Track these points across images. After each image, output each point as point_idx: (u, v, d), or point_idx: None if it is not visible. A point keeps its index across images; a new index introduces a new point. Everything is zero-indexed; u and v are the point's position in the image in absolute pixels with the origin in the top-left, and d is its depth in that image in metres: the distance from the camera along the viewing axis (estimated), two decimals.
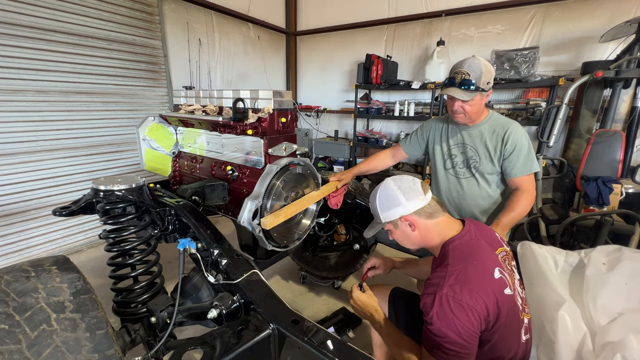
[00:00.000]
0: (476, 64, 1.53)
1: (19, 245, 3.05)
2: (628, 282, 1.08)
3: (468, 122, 1.72)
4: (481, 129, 1.71)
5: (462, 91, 1.55)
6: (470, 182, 1.79)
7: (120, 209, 1.53)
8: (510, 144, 1.62)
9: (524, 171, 1.63)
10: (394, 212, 1.15)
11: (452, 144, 1.81)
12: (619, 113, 3.21)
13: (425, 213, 1.13)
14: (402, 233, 1.19)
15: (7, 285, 0.91)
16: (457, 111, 1.64)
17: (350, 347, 0.97)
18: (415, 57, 4.77)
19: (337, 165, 5.42)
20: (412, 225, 1.14)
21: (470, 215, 1.82)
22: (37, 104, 2.97)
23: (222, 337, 1.02)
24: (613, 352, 0.89)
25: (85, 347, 0.87)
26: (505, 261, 1.08)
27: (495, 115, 1.73)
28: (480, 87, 1.54)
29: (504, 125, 1.66)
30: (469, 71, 1.53)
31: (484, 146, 1.70)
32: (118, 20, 3.41)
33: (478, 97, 1.58)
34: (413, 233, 1.16)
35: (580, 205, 2.95)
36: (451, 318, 0.91)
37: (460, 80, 1.54)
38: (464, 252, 1.04)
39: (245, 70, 5.24)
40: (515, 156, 1.62)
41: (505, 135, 1.64)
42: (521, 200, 1.60)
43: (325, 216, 2.10)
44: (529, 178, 1.65)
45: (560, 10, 3.68)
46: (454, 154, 1.82)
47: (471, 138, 1.74)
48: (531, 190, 1.64)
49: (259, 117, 1.71)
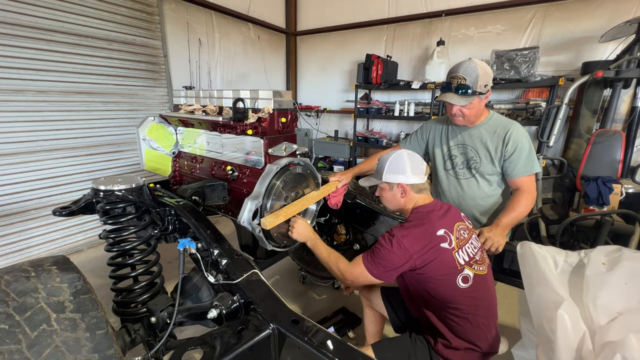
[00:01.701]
0: (472, 67, 1.53)
1: (19, 245, 3.05)
2: (628, 282, 1.08)
3: (468, 124, 1.72)
4: (481, 130, 1.71)
5: (458, 96, 1.55)
6: (470, 183, 1.79)
7: (120, 209, 1.53)
8: (512, 145, 1.62)
9: (525, 172, 1.63)
10: (396, 177, 1.40)
11: (453, 145, 1.82)
12: (619, 113, 3.21)
13: (417, 188, 1.41)
14: (392, 195, 1.44)
15: (7, 285, 0.91)
16: (455, 115, 1.65)
17: (350, 347, 0.97)
18: (415, 57, 4.77)
19: (337, 165, 5.42)
20: (404, 193, 1.40)
21: (470, 215, 1.82)
22: (37, 104, 2.97)
23: (222, 337, 1.02)
24: (613, 352, 0.89)
25: (85, 347, 0.87)
26: (459, 230, 1.34)
27: (496, 116, 1.73)
28: (478, 91, 1.54)
29: (505, 125, 1.66)
30: (465, 75, 1.53)
31: (484, 147, 1.70)
32: (118, 20, 3.41)
33: (476, 101, 1.58)
34: (401, 199, 1.42)
35: (580, 205, 2.96)
36: (390, 249, 1.25)
37: (456, 86, 1.55)
38: (421, 216, 1.34)
39: (245, 70, 5.24)
40: (516, 157, 1.62)
41: (506, 136, 1.63)
42: (522, 201, 1.61)
43: (325, 216, 2.10)
44: (529, 179, 1.65)
45: (560, 10, 3.68)
46: (454, 154, 1.82)
47: (472, 139, 1.74)
48: (532, 191, 1.64)
49: (259, 117, 1.71)
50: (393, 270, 1.27)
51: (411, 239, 1.26)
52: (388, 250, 1.26)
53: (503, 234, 1.54)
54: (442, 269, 1.25)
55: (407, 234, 1.27)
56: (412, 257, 1.24)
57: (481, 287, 1.31)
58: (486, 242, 1.50)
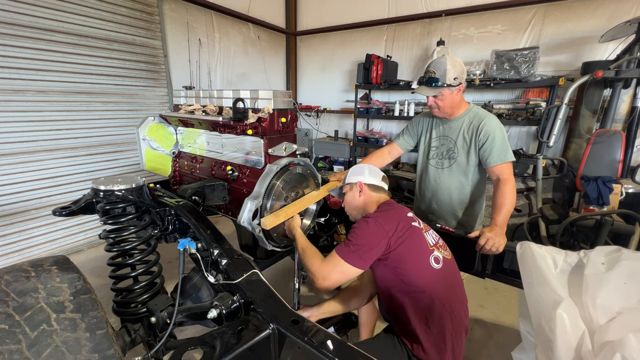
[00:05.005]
0: (442, 62, 1.71)
1: (19, 245, 3.05)
2: (627, 282, 1.08)
3: (446, 116, 1.86)
4: (460, 122, 1.85)
5: (428, 88, 1.74)
6: (447, 172, 1.91)
7: (120, 209, 1.53)
8: (484, 135, 1.74)
9: (499, 160, 1.73)
10: (356, 177, 1.58)
11: (435, 136, 1.96)
12: (619, 113, 3.21)
13: (373, 187, 1.55)
14: (352, 196, 1.56)
15: (7, 285, 0.91)
16: (432, 106, 1.83)
17: (351, 347, 0.97)
18: (415, 57, 4.77)
19: (337, 165, 5.43)
20: (361, 191, 1.53)
21: (448, 205, 1.94)
22: (37, 104, 2.97)
23: (222, 337, 1.02)
24: (612, 351, 0.89)
25: (85, 347, 0.87)
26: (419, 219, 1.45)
27: (475, 109, 1.86)
28: (447, 83, 1.70)
29: (480, 117, 1.79)
30: (434, 69, 1.72)
31: (462, 137, 1.83)
32: (118, 20, 3.42)
33: (447, 92, 1.73)
34: (359, 197, 1.54)
35: (580, 205, 2.96)
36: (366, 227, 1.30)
37: (427, 79, 1.74)
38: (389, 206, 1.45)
39: (245, 70, 5.24)
40: (489, 145, 1.73)
41: (479, 126, 1.76)
42: (506, 193, 1.68)
43: (325, 216, 2.10)
44: (507, 166, 1.74)
45: (560, 10, 3.68)
46: (435, 145, 1.95)
47: (451, 130, 1.88)
48: (511, 179, 1.72)
49: (259, 117, 1.71)
50: (369, 251, 1.25)
51: (386, 218, 1.33)
52: (363, 229, 1.29)
53: (503, 234, 1.56)
54: (415, 247, 1.31)
55: (381, 215, 1.36)
56: (388, 234, 1.28)
57: (450, 271, 1.39)
58: (487, 243, 1.51)
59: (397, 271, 1.29)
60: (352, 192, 1.56)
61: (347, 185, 1.60)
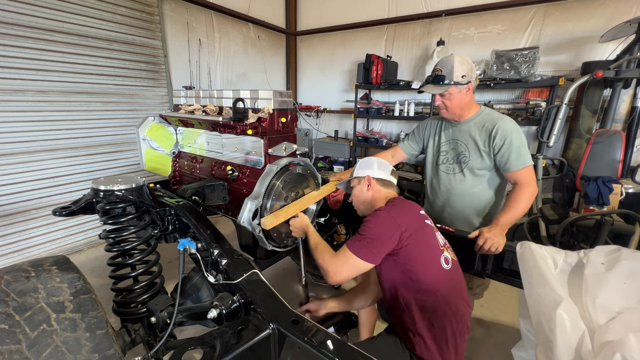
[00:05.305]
0: (449, 60, 1.64)
1: (19, 245, 3.05)
2: (627, 282, 1.08)
3: (455, 117, 1.76)
4: (471, 125, 1.74)
5: (434, 86, 1.67)
6: (459, 178, 1.80)
7: (120, 209, 1.53)
8: (499, 138, 1.63)
9: (518, 165, 1.61)
10: (364, 171, 1.54)
11: (444, 140, 1.85)
12: (619, 113, 3.21)
13: (382, 182, 1.52)
14: (360, 190, 1.54)
15: (7, 285, 0.91)
16: (439, 107, 1.74)
17: (351, 347, 0.97)
18: (415, 57, 4.77)
19: (337, 165, 5.42)
20: (369, 185, 1.51)
21: (461, 213, 1.82)
22: (37, 104, 2.97)
23: (222, 337, 1.02)
24: (612, 351, 0.89)
25: (85, 347, 0.87)
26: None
27: (487, 111, 1.75)
28: (454, 81, 1.62)
29: (494, 120, 1.68)
30: (441, 67, 1.65)
31: (473, 141, 1.72)
32: (118, 20, 3.41)
33: (454, 91, 1.64)
34: (367, 192, 1.51)
35: (580, 205, 2.96)
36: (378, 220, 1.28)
37: (434, 77, 1.67)
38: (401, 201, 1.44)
39: (245, 70, 5.24)
40: (506, 149, 1.62)
41: (493, 130, 1.64)
42: (520, 197, 1.59)
43: (325, 216, 2.10)
44: (526, 171, 1.62)
45: (560, 10, 3.68)
46: (445, 150, 1.85)
47: (461, 134, 1.77)
48: (531, 184, 1.62)
49: (259, 117, 1.71)
50: (380, 246, 1.23)
51: (398, 211, 1.31)
52: (375, 222, 1.26)
53: (502, 234, 1.54)
54: (427, 245, 1.29)
55: (394, 209, 1.33)
56: (400, 228, 1.24)
57: (457, 272, 1.37)
58: (486, 243, 1.50)
59: (406, 268, 1.27)
60: (360, 187, 1.53)
61: (355, 179, 1.57)
